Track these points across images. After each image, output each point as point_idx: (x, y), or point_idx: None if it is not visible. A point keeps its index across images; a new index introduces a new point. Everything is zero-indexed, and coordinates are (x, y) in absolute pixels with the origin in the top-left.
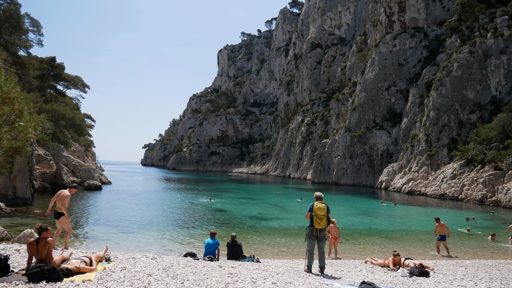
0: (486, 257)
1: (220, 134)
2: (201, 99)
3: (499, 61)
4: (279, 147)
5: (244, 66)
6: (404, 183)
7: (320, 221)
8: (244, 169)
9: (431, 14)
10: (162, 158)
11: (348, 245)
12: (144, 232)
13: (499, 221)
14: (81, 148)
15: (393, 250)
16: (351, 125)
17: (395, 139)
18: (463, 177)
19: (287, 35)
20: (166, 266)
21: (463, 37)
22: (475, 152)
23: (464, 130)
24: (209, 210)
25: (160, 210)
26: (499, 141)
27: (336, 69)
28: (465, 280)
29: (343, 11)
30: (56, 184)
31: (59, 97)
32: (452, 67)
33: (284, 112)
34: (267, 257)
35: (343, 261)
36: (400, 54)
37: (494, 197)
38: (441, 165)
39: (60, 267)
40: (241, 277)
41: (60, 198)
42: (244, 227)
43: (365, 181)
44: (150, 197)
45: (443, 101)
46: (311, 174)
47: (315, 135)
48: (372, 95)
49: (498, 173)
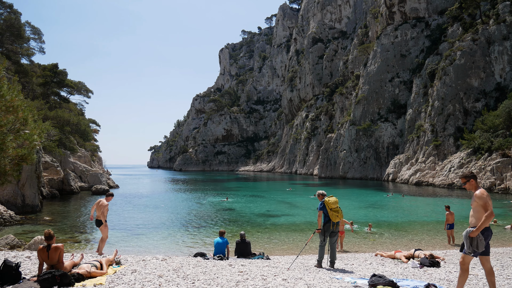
0: (497, 245)
1: (225, 133)
2: (205, 99)
3: (503, 48)
4: (284, 143)
5: (246, 64)
6: (411, 175)
7: (337, 213)
8: (250, 167)
9: (431, 3)
10: (168, 159)
11: (358, 239)
12: (153, 234)
13: (510, 208)
14: (87, 153)
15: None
16: (356, 118)
17: (401, 130)
18: (470, 166)
19: (287, 31)
20: (176, 267)
21: (465, 25)
22: (481, 140)
23: (470, 119)
24: (217, 209)
25: (168, 212)
26: (505, 128)
27: (338, 63)
28: (476, 268)
29: (343, 4)
30: (64, 190)
31: (63, 103)
32: (455, 56)
33: (288, 108)
34: (277, 254)
35: (353, 255)
36: (402, 45)
37: (503, 184)
38: (448, 154)
39: (71, 272)
40: (251, 275)
41: (99, 207)
42: (253, 225)
43: (372, 174)
44: (158, 199)
45: (448, 90)
46: (318, 169)
47: (320, 130)
48: (376, 88)
49: (506, 160)
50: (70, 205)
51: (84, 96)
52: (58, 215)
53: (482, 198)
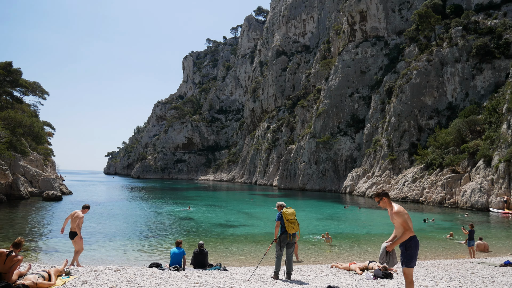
0: (445, 257)
1: (186, 141)
2: (166, 106)
3: (454, 69)
4: (245, 153)
5: (209, 73)
6: (367, 187)
7: (293, 225)
8: (210, 176)
9: (391, 23)
10: (126, 166)
11: (314, 250)
12: (107, 243)
13: (458, 221)
14: (39, 157)
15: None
16: (316, 131)
17: (359, 144)
18: (423, 181)
19: (252, 42)
20: (130, 278)
21: (421, 46)
22: (433, 156)
23: (424, 135)
24: (175, 218)
25: (124, 220)
26: (455, 145)
27: (301, 76)
28: (426, 280)
29: (307, 19)
30: (13, 196)
31: (15, 103)
32: (411, 75)
33: (250, 118)
34: (234, 265)
35: (310, 266)
36: (362, 62)
37: (452, 199)
38: (402, 169)
39: (16, 283)
40: (207, 286)
41: (74, 219)
42: (211, 235)
43: (331, 186)
44: (113, 207)
45: (403, 107)
46: (278, 180)
47: (281, 142)
48: (336, 102)
49: (455, 176)
50: (18, 212)
51: (39, 97)
52: (4, 222)
53: (400, 216)
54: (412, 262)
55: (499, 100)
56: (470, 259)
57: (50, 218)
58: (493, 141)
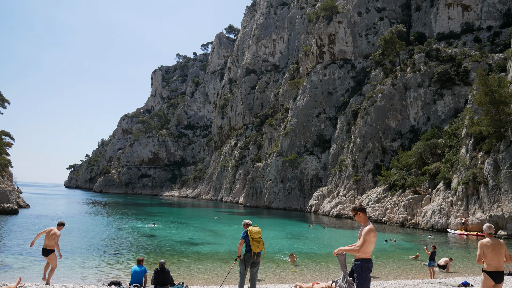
0: (406, 277)
1: (152, 156)
2: (133, 120)
3: (417, 94)
4: (212, 170)
5: (178, 88)
6: (332, 207)
7: (258, 244)
8: (175, 192)
9: (358, 47)
10: (88, 180)
11: (278, 270)
12: (65, 261)
13: (419, 242)
14: None
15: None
16: (283, 149)
17: (325, 164)
18: (386, 201)
19: (222, 59)
20: None
21: (386, 70)
22: (396, 178)
23: (387, 157)
24: (138, 235)
25: (83, 236)
26: (417, 167)
27: (269, 94)
28: None
29: (277, 39)
30: None
31: None
32: (376, 98)
33: (218, 135)
34: (197, 283)
35: (273, 286)
36: (329, 83)
37: (414, 219)
38: (366, 189)
39: None
40: None
41: (51, 236)
42: (175, 252)
43: (296, 205)
44: (73, 222)
45: (368, 129)
46: (244, 198)
47: (248, 159)
48: (303, 121)
49: (417, 197)
50: None
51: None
52: None
53: (366, 235)
54: (365, 286)
55: (458, 125)
56: (430, 279)
57: (4, 233)
58: (453, 164)
